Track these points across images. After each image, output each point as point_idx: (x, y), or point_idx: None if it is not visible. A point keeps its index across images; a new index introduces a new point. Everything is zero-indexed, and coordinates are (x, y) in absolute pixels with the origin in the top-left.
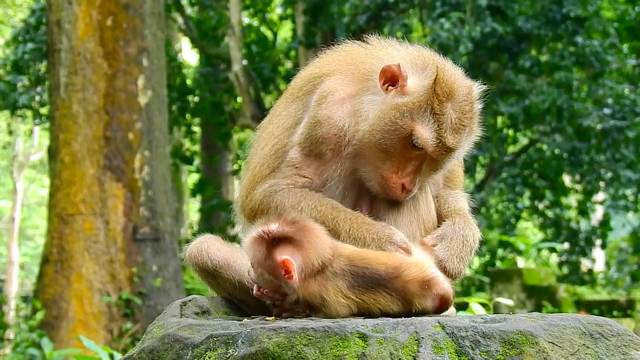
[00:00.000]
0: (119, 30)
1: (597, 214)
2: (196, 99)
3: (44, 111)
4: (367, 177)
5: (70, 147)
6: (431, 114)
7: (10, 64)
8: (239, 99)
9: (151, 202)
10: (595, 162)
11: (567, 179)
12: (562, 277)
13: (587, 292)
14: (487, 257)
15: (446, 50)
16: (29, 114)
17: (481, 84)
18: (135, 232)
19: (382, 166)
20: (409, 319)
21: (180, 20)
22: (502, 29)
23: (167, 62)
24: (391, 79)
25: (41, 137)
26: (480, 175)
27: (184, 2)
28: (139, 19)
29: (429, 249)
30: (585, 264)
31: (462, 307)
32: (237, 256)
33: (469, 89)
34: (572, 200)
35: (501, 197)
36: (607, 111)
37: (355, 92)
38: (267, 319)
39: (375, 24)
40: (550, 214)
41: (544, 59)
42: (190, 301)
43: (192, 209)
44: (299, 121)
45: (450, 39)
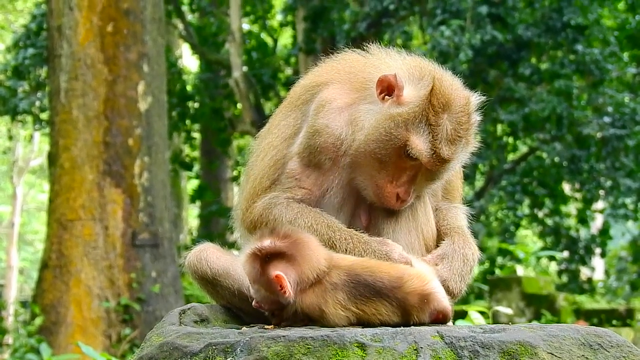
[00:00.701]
0: (119, 36)
1: (597, 223)
2: (196, 105)
3: (44, 116)
4: (363, 185)
5: (70, 152)
6: (426, 125)
7: (10, 69)
8: (239, 105)
9: (150, 208)
10: (595, 171)
11: (566, 187)
12: (562, 286)
13: (586, 301)
14: (487, 265)
15: (446, 57)
16: (29, 119)
17: (480, 94)
18: (134, 238)
19: (377, 175)
20: (408, 328)
21: (180, 26)
22: (502, 36)
23: (168, 68)
24: (387, 89)
25: (41, 143)
26: (479, 182)
27: (185, 8)
28: (139, 24)
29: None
30: (584, 273)
31: (461, 315)
32: (236, 265)
33: (466, 100)
34: (572, 208)
35: (501, 205)
36: (607, 119)
37: (352, 101)
38: (266, 327)
39: (375, 31)
40: (549, 222)
41: (544, 66)
42: (189, 309)
43: (192, 214)
44: (298, 131)
45: (450, 46)
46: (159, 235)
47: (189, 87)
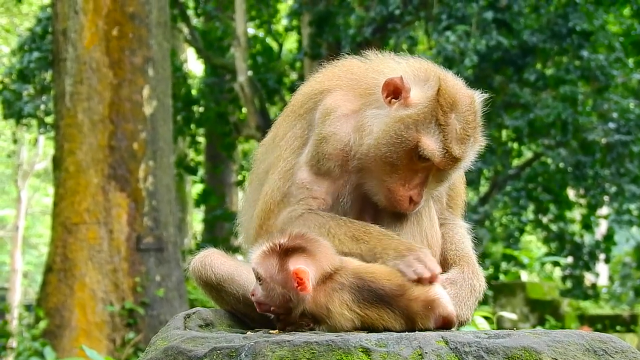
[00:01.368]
0: (124, 39)
1: (601, 228)
2: (201, 109)
3: (49, 120)
4: (374, 191)
5: (74, 156)
6: (436, 125)
7: (15, 72)
8: (244, 110)
9: (155, 212)
10: (599, 177)
11: (571, 193)
12: (566, 291)
13: (590, 307)
14: (491, 271)
15: (451, 63)
16: (34, 122)
17: (483, 94)
18: (138, 242)
19: (389, 179)
20: (413, 333)
21: (186, 30)
22: (508, 42)
23: (173, 72)
24: (394, 92)
25: (46, 146)
26: (484, 188)
27: (190, 13)
28: (144, 28)
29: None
30: (588, 278)
31: None
32: (241, 270)
33: (471, 98)
34: (576, 214)
35: (505, 210)
36: (612, 125)
37: (358, 107)
38: (271, 332)
39: (380, 36)
40: (554, 227)
41: (549, 72)
42: (194, 313)
43: (196, 219)
44: (306, 141)
45: (455, 51)
46: (163, 239)
47: (194, 92)
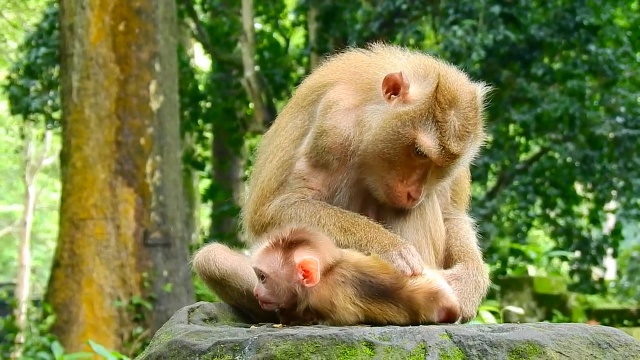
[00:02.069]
0: (131, 35)
1: (609, 223)
2: (208, 105)
3: (56, 115)
4: (373, 186)
5: (82, 151)
6: (433, 122)
7: (23, 68)
8: (251, 105)
9: (162, 207)
10: (607, 171)
11: (578, 188)
12: (573, 286)
13: (597, 301)
14: (498, 265)
15: (459, 57)
16: (41, 118)
17: (487, 88)
18: (146, 237)
19: (387, 175)
20: (417, 327)
21: (192, 25)
22: (515, 36)
23: (179, 68)
24: (394, 88)
25: (53, 142)
26: (491, 182)
27: (197, 8)
28: (151, 24)
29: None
30: (596, 273)
31: None
32: (244, 265)
33: (473, 94)
34: (584, 208)
35: (512, 205)
36: (619, 120)
37: (359, 101)
38: (275, 326)
39: (387, 30)
40: (561, 222)
41: (557, 67)
42: (197, 308)
43: (203, 214)
44: (306, 132)
45: (462, 46)
46: (170, 234)
47: (201, 87)
